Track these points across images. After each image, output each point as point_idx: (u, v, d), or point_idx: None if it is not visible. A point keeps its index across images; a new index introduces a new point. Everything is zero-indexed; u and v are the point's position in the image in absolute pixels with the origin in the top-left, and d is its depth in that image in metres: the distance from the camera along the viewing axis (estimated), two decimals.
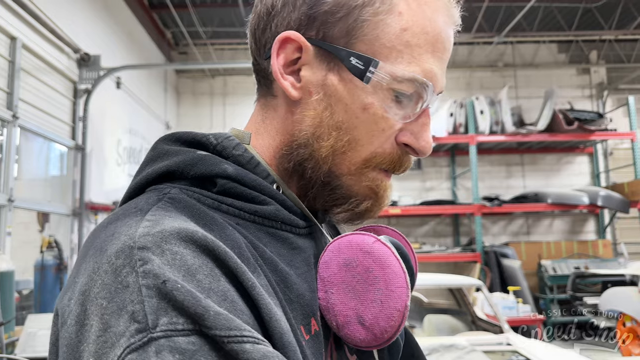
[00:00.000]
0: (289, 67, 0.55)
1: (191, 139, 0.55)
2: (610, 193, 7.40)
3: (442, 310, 4.73)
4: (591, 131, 7.52)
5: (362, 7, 0.52)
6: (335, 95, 0.54)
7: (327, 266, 0.54)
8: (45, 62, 4.49)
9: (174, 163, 0.52)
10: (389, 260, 0.51)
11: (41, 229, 4.62)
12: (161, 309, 0.38)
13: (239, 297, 0.42)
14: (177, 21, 7.21)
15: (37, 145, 4.62)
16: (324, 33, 0.53)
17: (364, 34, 0.52)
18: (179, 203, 0.48)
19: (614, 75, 8.87)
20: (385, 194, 0.58)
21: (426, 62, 0.53)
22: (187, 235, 0.42)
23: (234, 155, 0.55)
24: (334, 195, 0.57)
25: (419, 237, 8.40)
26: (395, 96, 0.53)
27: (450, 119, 7.54)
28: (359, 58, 0.52)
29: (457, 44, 8.48)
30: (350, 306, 0.52)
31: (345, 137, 0.54)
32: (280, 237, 0.54)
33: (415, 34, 0.52)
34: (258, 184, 0.54)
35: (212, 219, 0.48)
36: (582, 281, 6.25)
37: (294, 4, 0.54)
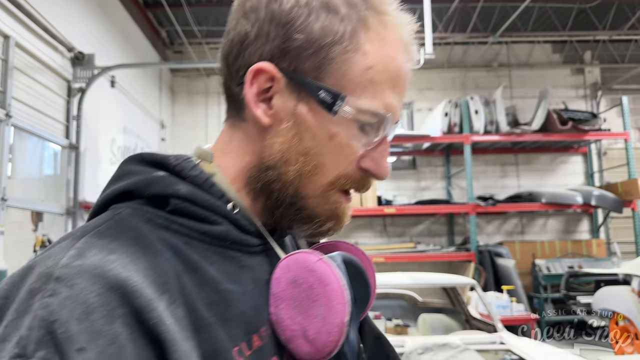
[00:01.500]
0: (261, 95, 0.59)
1: (153, 159, 0.59)
2: (604, 193, 7.43)
3: (436, 309, 4.75)
4: (585, 131, 7.56)
5: (331, 46, 0.56)
6: (304, 124, 0.58)
7: (277, 282, 0.57)
8: (39, 61, 4.47)
9: (131, 183, 0.56)
10: (329, 278, 0.54)
11: (35, 228, 4.61)
12: (43, 342, 0.40)
13: (132, 340, 0.43)
14: (172, 20, 7.19)
15: (30, 144, 4.60)
16: (295, 66, 0.57)
17: (333, 69, 0.56)
18: (123, 226, 0.51)
19: (608, 75, 8.91)
20: (344, 215, 0.63)
21: (387, 97, 0.58)
22: (100, 273, 0.44)
23: (191, 176, 0.58)
24: (299, 216, 0.61)
25: (414, 236, 8.42)
26: (359, 126, 0.58)
27: (445, 119, 7.56)
28: (328, 92, 0.56)
29: (452, 44, 8.51)
30: (297, 321, 0.55)
31: (312, 162, 0.58)
32: (229, 256, 0.57)
33: (379, 72, 0.57)
34: (210, 204, 0.57)
35: (149, 244, 0.50)
36: (576, 280, 6.28)
37: (267, 36, 0.57)
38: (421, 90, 8.72)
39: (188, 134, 8.49)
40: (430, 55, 5.02)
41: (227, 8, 2.67)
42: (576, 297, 5.80)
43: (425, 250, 7.52)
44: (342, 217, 0.63)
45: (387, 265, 7.02)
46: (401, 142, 7.90)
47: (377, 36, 0.58)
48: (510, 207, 7.65)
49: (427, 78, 8.63)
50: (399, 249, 7.57)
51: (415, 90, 8.73)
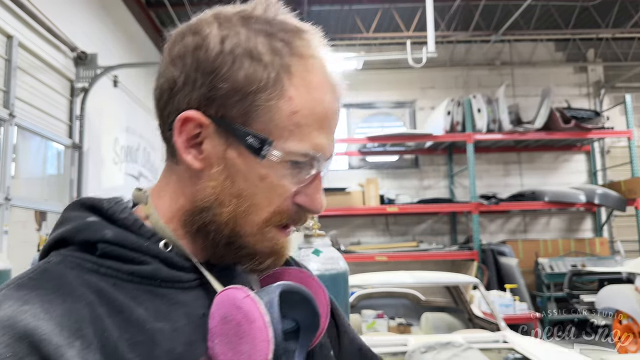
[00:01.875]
0: (191, 140, 0.60)
1: (90, 204, 0.62)
2: (607, 191, 7.42)
3: (439, 308, 4.75)
4: (588, 129, 7.54)
5: (255, 93, 0.57)
6: (234, 167, 0.60)
7: (212, 318, 0.58)
8: (42, 61, 4.48)
9: (64, 231, 0.59)
10: (254, 315, 0.55)
11: (39, 228, 4.62)
12: None
13: None
14: (174, 19, 7.19)
15: (34, 144, 4.61)
16: (222, 113, 0.58)
17: (259, 115, 0.58)
18: (47, 275, 0.54)
19: (611, 73, 8.88)
20: (283, 249, 0.65)
21: (315, 138, 0.60)
22: (10, 324, 0.47)
23: (121, 219, 0.60)
24: (240, 254, 0.63)
25: (417, 235, 8.41)
26: (290, 166, 0.60)
27: (448, 118, 7.55)
28: (255, 137, 0.58)
29: (455, 42, 8.50)
30: (228, 357, 0.56)
31: (246, 203, 0.60)
32: (159, 294, 0.58)
33: (304, 116, 0.59)
34: (138, 246, 0.58)
35: (70, 291, 0.52)
36: (579, 279, 6.27)
37: (194, 84, 0.58)
38: (423, 89, 8.71)
39: None
40: (433, 54, 5.01)
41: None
42: (579, 295, 5.80)
43: (427, 249, 7.52)
44: (281, 252, 0.64)
45: (390, 264, 7.03)
46: (403, 141, 7.90)
47: (301, 81, 0.59)
48: (513, 205, 7.64)
49: (430, 77, 8.63)
50: (401, 248, 7.57)
51: (417, 89, 8.72)
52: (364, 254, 7.24)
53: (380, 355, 0.82)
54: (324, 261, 2.05)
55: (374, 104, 8.90)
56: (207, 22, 0.61)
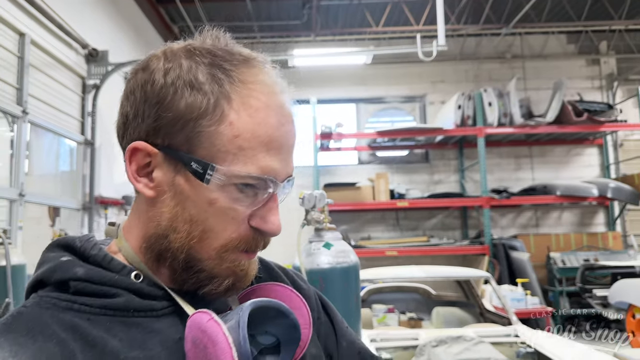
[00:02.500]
0: (143, 169, 0.63)
1: (65, 243, 0.65)
2: (620, 185, 7.34)
3: (450, 302, 4.74)
4: (601, 122, 7.46)
5: (196, 120, 0.59)
6: (183, 193, 0.61)
7: (186, 342, 0.60)
8: (54, 58, 4.52)
9: (41, 273, 0.62)
10: (218, 338, 0.56)
11: (52, 224, 4.68)
12: None
13: None
14: (184, 16, 7.21)
15: (47, 140, 4.66)
16: (169, 142, 0.61)
17: (201, 142, 0.60)
18: (21, 317, 0.57)
19: (624, 65, 8.77)
20: (244, 272, 0.65)
21: (262, 160, 0.61)
22: None
23: (92, 255, 0.63)
24: (198, 277, 0.63)
25: (427, 230, 8.39)
26: (239, 189, 0.61)
27: (458, 112, 7.50)
28: (198, 163, 0.60)
29: (465, 36, 8.44)
30: None
31: (198, 228, 0.61)
32: (134, 323, 0.60)
33: (247, 139, 0.60)
34: (108, 280, 0.61)
35: (41, 330, 0.55)
36: (592, 273, 6.22)
37: (142, 116, 0.62)
38: (434, 83, 8.67)
39: None
40: (443, 48, 4.98)
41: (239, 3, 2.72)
42: (592, 290, 5.75)
43: (438, 244, 7.50)
44: (242, 275, 0.64)
45: (401, 259, 7.02)
46: (414, 135, 7.87)
47: (242, 105, 0.60)
48: (524, 200, 7.59)
49: (440, 70, 8.58)
50: (412, 243, 7.56)
51: (427, 83, 8.68)
52: (374, 249, 7.24)
53: (381, 355, 0.83)
54: (335, 254, 2.06)
55: (384, 98, 8.87)
56: (156, 57, 0.63)
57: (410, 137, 7.99)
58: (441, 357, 2.88)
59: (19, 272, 3.00)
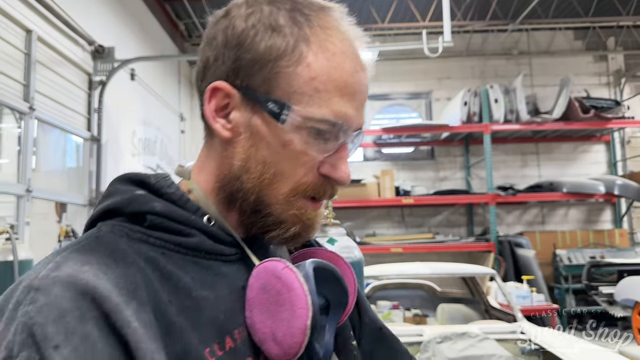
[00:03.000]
0: (221, 111, 0.65)
1: (136, 178, 0.65)
2: (627, 182, 7.30)
3: (455, 299, 4.74)
4: (608, 119, 7.41)
5: (275, 61, 0.61)
6: (258, 134, 0.63)
7: (251, 289, 0.62)
8: (61, 55, 4.54)
9: (115, 202, 0.62)
10: (294, 284, 0.58)
11: (59, 219, 4.70)
12: (25, 344, 0.46)
13: (103, 338, 0.48)
14: (189, 12, 7.23)
15: (53, 136, 4.68)
16: (247, 82, 0.62)
17: (279, 82, 0.61)
18: (101, 241, 0.57)
19: (632, 62, 8.70)
20: (311, 221, 0.66)
21: (336, 105, 0.62)
22: (72, 281, 0.49)
23: (168, 193, 0.63)
24: (265, 222, 0.65)
25: (433, 226, 8.38)
26: (313, 133, 0.62)
27: (464, 108, 7.48)
28: (275, 103, 0.61)
29: (472, 32, 8.40)
30: (267, 324, 0.59)
31: (270, 170, 0.63)
32: (204, 265, 0.62)
33: (323, 81, 0.61)
34: (184, 219, 0.62)
35: (123, 256, 0.55)
36: (598, 270, 6.19)
37: (223, 59, 0.64)
38: (440, 79, 8.64)
39: None
40: (449, 44, 4.96)
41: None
42: (598, 287, 5.73)
43: (444, 241, 7.49)
44: (309, 223, 0.66)
45: (406, 256, 7.02)
46: (419, 132, 7.85)
47: (320, 48, 0.62)
48: (530, 197, 7.56)
49: (446, 67, 8.54)
50: (417, 240, 7.55)
51: (433, 80, 8.65)
52: (380, 246, 7.24)
53: None
54: (339, 250, 2.06)
55: (389, 95, 8.85)
56: (237, 5, 0.66)
57: (415, 134, 7.98)
58: (445, 354, 2.89)
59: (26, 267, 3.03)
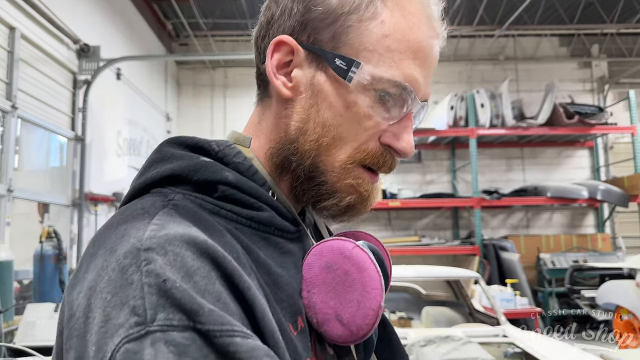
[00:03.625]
0: (282, 68, 0.60)
1: (194, 144, 0.59)
2: (610, 187, 7.40)
3: (440, 302, 4.76)
4: (591, 125, 7.51)
5: (347, 15, 0.57)
6: (321, 93, 0.58)
7: (310, 268, 0.58)
8: (45, 53, 4.49)
9: (178, 167, 0.55)
10: (366, 264, 0.55)
11: (41, 220, 4.64)
12: (160, 305, 0.41)
13: (231, 299, 0.45)
14: (177, 12, 7.19)
15: (37, 136, 4.62)
16: (314, 37, 0.58)
17: (349, 38, 0.57)
18: (182, 210, 0.51)
19: (615, 69, 8.84)
20: (368, 193, 0.62)
21: (407, 68, 0.57)
22: (189, 239, 0.45)
23: (234, 163, 0.58)
24: (319, 191, 0.60)
25: (419, 229, 8.42)
26: (379, 97, 0.57)
27: (451, 112, 7.53)
28: (342, 59, 0.56)
29: (459, 37, 8.47)
30: (330, 305, 0.56)
31: (330, 134, 0.58)
32: (272, 241, 0.58)
33: (396, 40, 0.57)
34: (255, 192, 0.57)
35: (212, 225, 0.51)
36: (580, 274, 6.27)
37: (290, 13, 0.59)
38: None
39: (194, 126, 8.51)
40: None
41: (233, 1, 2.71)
42: (580, 291, 5.80)
43: (430, 244, 7.52)
44: (365, 195, 0.61)
45: (392, 259, 6.94)
46: None
47: (396, 6, 0.58)
48: (515, 201, 7.63)
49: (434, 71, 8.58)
50: (403, 243, 7.58)
51: None
52: None
53: None
54: None
55: None
56: None
57: None
58: (429, 357, 2.89)
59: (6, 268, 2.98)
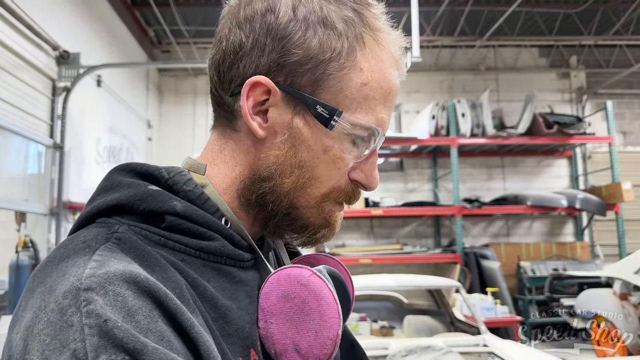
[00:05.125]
0: (256, 107, 0.59)
1: (144, 171, 0.57)
2: (588, 196, 7.52)
3: (421, 311, 4.77)
4: (570, 135, 7.64)
5: (329, 62, 0.56)
6: (300, 137, 0.58)
7: (267, 297, 0.57)
8: (23, 59, 4.42)
9: (124, 197, 0.54)
10: (323, 292, 0.55)
11: (18, 228, 4.55)
12: (101, 346, 0.40)
13: (175, 337, 0.44)
14: (159, 19, 7.15)
15: (14, 143, 4.54)
16: (291, 80, 0.57)
17: (330, 85, 0.57)
18: (124, 243, 0.50)
19: (593, 80, 9.01)
20: (337, 223, 0.64)
21: (380, 112, 0.60)
22: (129, 277, 0.44)
23: (184, 191, 0.57)
24: (293, 226, 0.62)
25: (401, 238, 8.45)
26: (352, 140, 0.59)
27: (432, 122, 7.59)
28: (324, 107, 0.57)
29: (440, 47, 8.56)
30: (288, 335, 0.55)
31: (306, 175, 0.59)
32: (224, 271, 0.57)
33: (373, 89, 0.58)
34: (205, 221, 0.56)
35: (155, 260, 0.50)
36: (560, 283, 6.34)
37: (263, 49, 0.57)
38: (409, 93, 8.76)
39: (175, 133, 8.44)
40: (418, 59, 5.04)
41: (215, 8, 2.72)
42: (559, 299, 5.86)
43: (411, 252, 7.55)
44: (335, 225, 0.64)
45: (374, 267, 7.04)
46: (389, 144, 7.92)
47: (371, 53, 0.58)
48: (496, 209, 7.70)
49: (415, 81, 8.67)
50: (385, 251, 7.59)
51: (403, 93, 8.76)
52: (349, 257, 7.24)
53: None
54: None
55: None
56: None
57: (385, 146, 8.04)
58: None
59: None
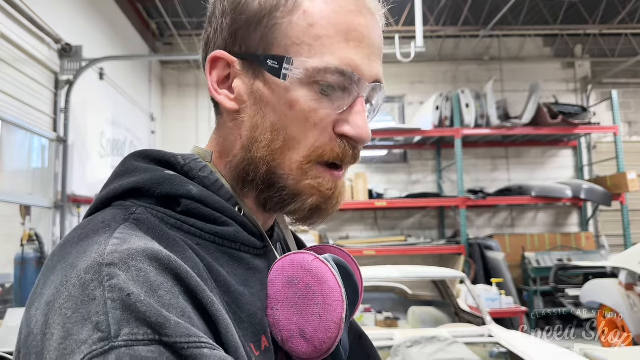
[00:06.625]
0: (223, 83, 0.60)
1: (160, 157, 0.58)
2: (593, 186, 7.49)
3: (426, 302, 4.78)
4: (575, 125, 7.59)
5: (269, 14, 0.57)
6: (263, 99, 0.58)
7: (273, 284, 0.57)
8: (26, 53, 4.41)
9: (141, 180, 0.55)
10: (326, 276, 0.54)
11: (23, 222, 4.56)
12: (124, 320, 0.40)
13: (195, 314, 0.45)
14: (161, 12, 7.12)
15: (18, 137, 4.54)
16: (245, 45, 0.58)
17: (275, 37, 0.56)
18: (143, 224, 0.51)
19: (598, 69, 8.94)
20: (331, 191, 0.59)
21: (341, 51, 0.55)
22: (151, 254, 0.45)
23: (200, 177, 0.58)
24: (281, 197, 0.59)
25: (405, 229, 8.44)
26: (321, 90, 0.56)
27: (436, 112, 7.56)
28: (273, 58, 0.56)
29: (444, 37, 8.51)
30: (293, 321, 0.55)
31: (280, 137, 0.57)
32: (237, 257, 0.57)
33: (323, 27, 0.55)
34: (220, 206, 0.57)
35: (173, 241, 0.50)
36: (565, 273, 6.33)
37: (221, 28, 0.60)
38: (412, 84, 8.72)
39: (178, 126, 8.44)
40: (421, 49, 5.01)
41: None
42: (565, 289, 5.86)
43: (416, 244, 7.55)
44: (328, 194, 0.59)
45: (378, 259, 7.04)
46: (392, 136, 7.90)
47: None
48: (500, 200, 7.68)
49: (419, 71, 8.63)
50: (390, 242, 7.59)
51: (406, 84, 8.72)
52: (353, 249, 7.25)
53: None
54: None
55: None
56: None
57: (389, 137, 8.02)
58: (415, 358, 2.90)
59: None
